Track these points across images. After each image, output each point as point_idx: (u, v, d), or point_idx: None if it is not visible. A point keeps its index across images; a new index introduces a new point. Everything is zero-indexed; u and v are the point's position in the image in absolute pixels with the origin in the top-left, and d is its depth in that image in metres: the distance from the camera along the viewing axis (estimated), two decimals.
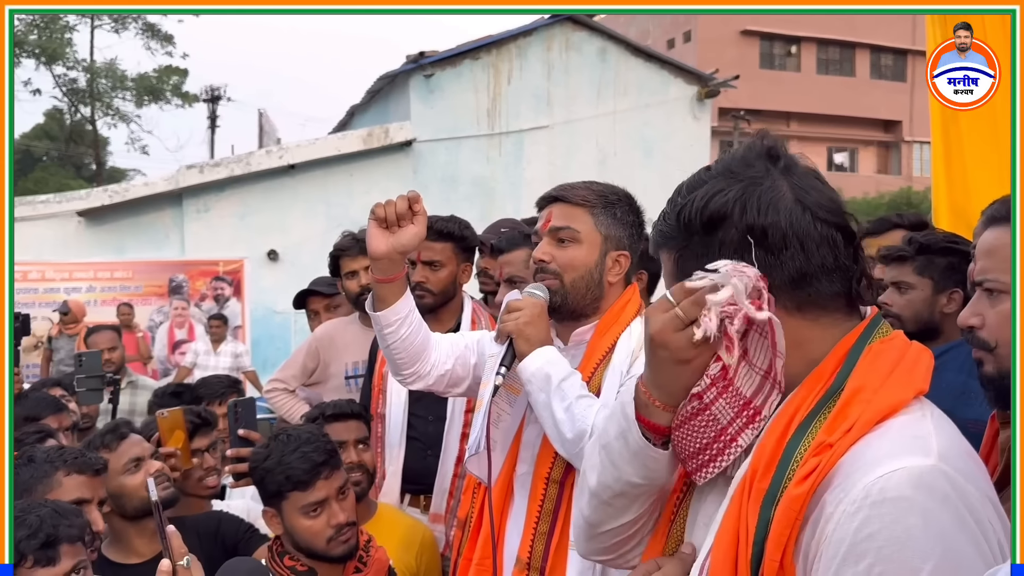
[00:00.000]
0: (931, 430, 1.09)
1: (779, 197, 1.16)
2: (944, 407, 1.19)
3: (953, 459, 1.07)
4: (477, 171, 12.39)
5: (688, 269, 1.18)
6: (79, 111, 29.74)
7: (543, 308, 2.13)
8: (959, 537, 1.01)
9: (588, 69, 12.81)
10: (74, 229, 11.56)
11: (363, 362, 3.46)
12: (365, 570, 2.29)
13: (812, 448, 1.09)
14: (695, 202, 1.19)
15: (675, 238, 1.22)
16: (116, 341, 5.50)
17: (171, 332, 11.11)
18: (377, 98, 13.59)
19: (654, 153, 12.89)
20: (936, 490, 1.03)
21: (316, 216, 11.32)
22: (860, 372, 1.14)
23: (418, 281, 3.05)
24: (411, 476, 3.06)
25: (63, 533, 1.90)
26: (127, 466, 2.47)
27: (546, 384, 2.01)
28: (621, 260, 2.19)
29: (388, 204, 2.14)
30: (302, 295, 4.48)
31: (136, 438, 2.57)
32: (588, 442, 1.94)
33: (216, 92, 30.98)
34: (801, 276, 1.16)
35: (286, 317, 11.03)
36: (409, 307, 2.24)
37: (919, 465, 1.04)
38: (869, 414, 1.10)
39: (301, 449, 2.26)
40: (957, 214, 3.53)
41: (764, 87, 32.46)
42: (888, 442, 1.08)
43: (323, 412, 2.81)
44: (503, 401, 2.19)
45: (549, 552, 2.06)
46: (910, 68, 36.21)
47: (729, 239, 1.17)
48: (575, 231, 2.15)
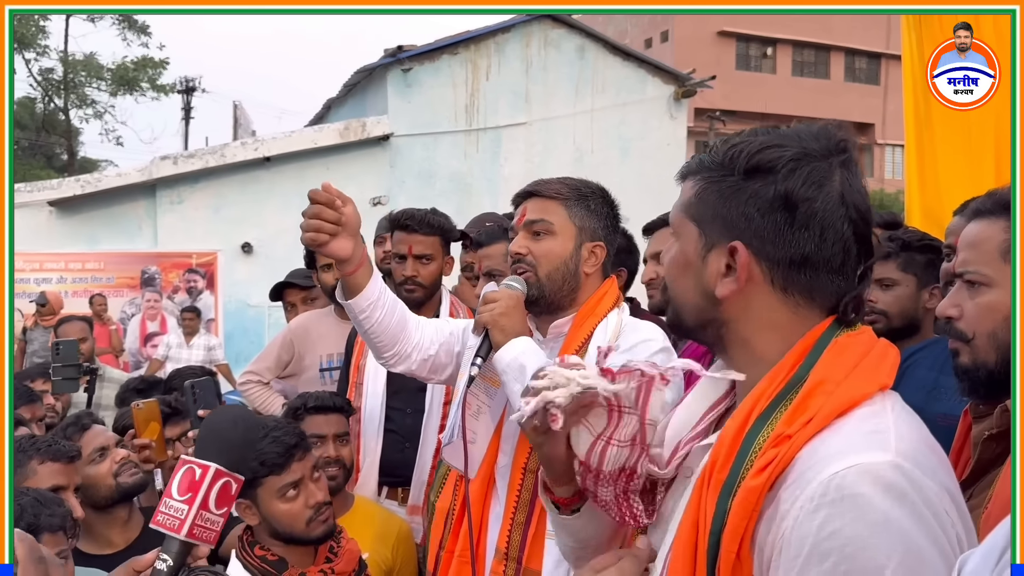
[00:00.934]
0: (890, 424, 1.09)
1: (828, 180, 1.16)
2: (915, 402, 1.20)
3: (911, 454, 1.06)
4: (454, 167, 12.37)
5: (708, 200, 1.19)
6: (52, 100, 29.35)
7: (519, 300, 2.15)
8: (918, 533, 1.01)
9: (566, 67, 12.82)
10: (45, 219, 11.40)
11: (338, 355, 3.45)
12: (336, 560, 2.29)
13: (771, 439, 1.09)
14: (752, 144, 1.18)
15: (711, 169, 1.21)
16: (87, 332, 5.46)
17: (143, 324, 11.02)
18: (354, 92, 13.52)
19: (631, 152, 12.93)
20: (894, 487, 1.02)
21: (291, 209, 11.14)
22: (824, 364, 1.13)
23: (409, 276, 3.05)
24: (389, 469, 3.06)
25: (44, 522, 1.91)
26: (92, 456, 2.46)
27: (520, 374, 2.02)
28: (596, 251, 2.22)
29: (319, 213, 2.06)
30: (279, 287, 4.46)
31: (99, 428, 2.56)
32: None
33: (191, 83, 30.67)
34: (804, 260, 1.16)
35: (260, 310, 10.97)
36: (379, 288, 2.25)
37: (876, 461, 1.04)
38: (830, 407, 1.09)
39: (271, 434, 2.25)
40: (929, 215, 3.57)
41: (740, 88, 32.66)
42: (845, 437, 1.07)
43: (305, 403, 2.80)
44: (483, 393, 2.20)
45: (526, 541, 2.07)
46: (883, 72, 36.60)
47: (761, 193, 1.16)
48: (549, 223, 2.18)
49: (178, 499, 1.41)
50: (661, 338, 2.17)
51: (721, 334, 1.22)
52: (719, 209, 1.18)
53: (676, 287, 1.25)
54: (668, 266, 1.26)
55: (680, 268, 1.24)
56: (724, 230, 1.18)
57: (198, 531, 1.39)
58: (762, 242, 1.16)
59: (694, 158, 1.27)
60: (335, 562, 2.28)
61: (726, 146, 1.21)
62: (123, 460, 2.47)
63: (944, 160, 3.60)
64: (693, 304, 1.23)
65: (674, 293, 1.25)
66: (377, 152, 12.08)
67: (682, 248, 1.23)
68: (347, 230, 2.10)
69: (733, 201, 1.17)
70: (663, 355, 2.12)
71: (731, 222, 1.17)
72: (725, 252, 1.18)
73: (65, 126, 29.20)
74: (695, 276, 1.21)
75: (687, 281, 1.23)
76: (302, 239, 2.13)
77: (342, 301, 2.27)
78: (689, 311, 1.24)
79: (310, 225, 2.07)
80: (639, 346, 2.11)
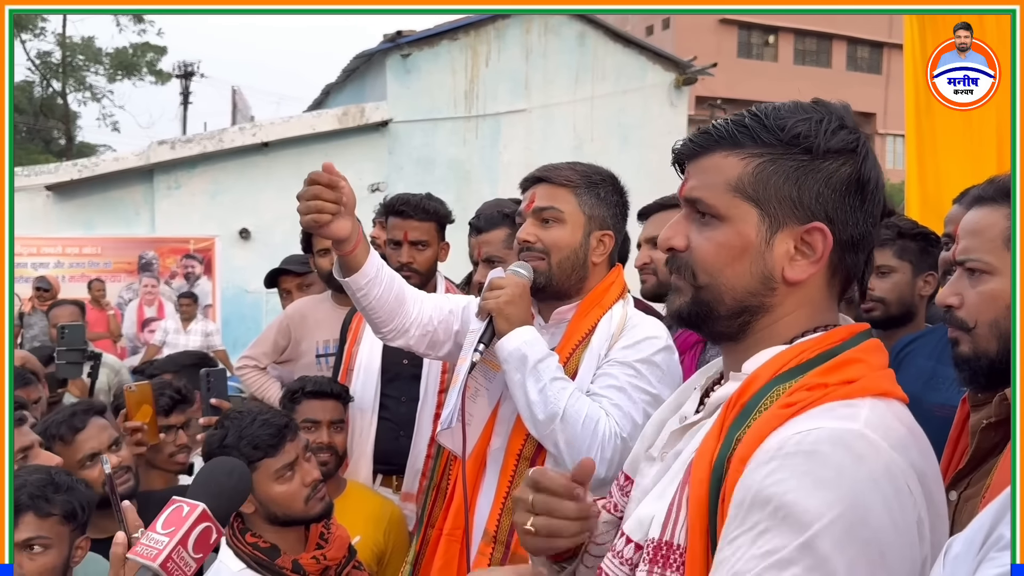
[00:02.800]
0: (867, 406, 1.06)
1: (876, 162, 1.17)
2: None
3: (881, 427, 1.03)
4: (453, 153, 12.34)
5: (770, 180, 1.14)
6: (50, 84, 29.25)
7: (525, 287, 2.13)
8: (869, 495, 0.97)
9: (566, 53, 12.77)
10: (42, 203, 11.38)
11: (335, 340, 3.44)
12: (327, 546, 2.28)
13: (802, 384, 1.07)
14: (825, 122, 1.14)
15: (768, 146, 1.14)
16: (78, 316, 5.45)
17: (140, 309, 10.99)
18: (353, 77, 13.47)
19: (631, 139, 12.89)
20: (853, 448, 0.99)
21: (289, 195, 10.91)
22: (862, 350, 1.13)
23: (405, 262, 3.04)
24: (383, 457, 3.05)
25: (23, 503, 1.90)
26: (83, 462, 2.40)
27: (522, 364, 2.02)
28: (605, 240, 2.20)
29: (318, 194, 2.07)
30: (274, 274, 4.45)
31: (95, 428, 2.46)
32: (558, 424, 1.95)
33: (189, 68, 30.57)
34: (860, 241, 1.16)
35: (257, 296, 10.96)
36: (376, 266, 2.23)
37: (842, 427, 1.02)
38: (866, 381, 1.08)
39: (260, 418, 2.24)
40: (928, 206, 3.56)
41: (741, 76, 32.57)
42: (819, 410, 1.06)
43: (303, 387, 2.79)
44: (481, 376, 2.20)
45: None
46: (886, 61, 36.51)
47: (838, 174, 1.13)
48: (559, 211, 2.15)
49: (160, 532, 1.41)
50: (664, 336, 2.15)
51: (752, 320, 1.18)
52: (787, 190, 1.13)
53: (726, 272, 1.16)
54: (715, 250, 1.17)
55: (736, 252, 1.16)
56: (794, 211, 1.14)
57: (171, 566, 1.38)
58: (833, 223, 1.13)
59: (712, 130, 1.19)
60: (326, 548, 2.27)
61: (777, 121, 1.15)
62: (114, 468, 2.38)
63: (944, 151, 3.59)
64: (744, 288, 1.16)
65: (721, 279, 1.17)
66: (376, 138, 12.05)
67: (739, 231, 1.15)
68: (346, 209, 2.09)
69: (807, 182, 1.13)
70: (665, 354, 2.11)
71: (803, 203, 1.13)
72: (795, 234, 1.14)
73: (63, 110, 29.11)
74: (755, 259, 1.15)
75: (742, 265, 1.15)
76: (302, 222, 2.10)
77: (339, 279, 2.26)
78: (736, 296, 1.17)
79: (310, 207, 2.06)
80: (643, 343, 2.10)
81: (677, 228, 1.22)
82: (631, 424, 1.99)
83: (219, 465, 1.62)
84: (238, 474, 1.60)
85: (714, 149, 1.17)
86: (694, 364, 2.46)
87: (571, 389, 2.01)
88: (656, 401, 2.03)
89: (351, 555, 2.37)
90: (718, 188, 1.16)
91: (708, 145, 1.18)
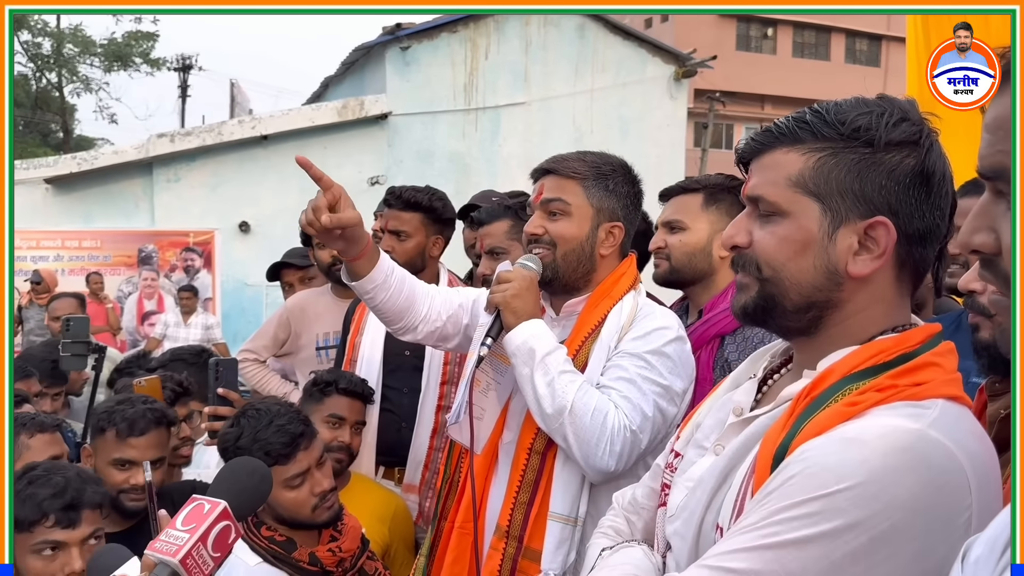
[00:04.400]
0: (938, 408, 1.06)
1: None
2: None
3: (948, 429, 1.03)
4: (453, 146, 12.32)
5: (831, 174, 1.14)
6: (45, 77, 29.18)
7: (533, 280, 2.11)
8: (903, 479, 0.98)
9: (566, 46, 12.74)
10: (41, 197, 11.35)
11: (335, 333, 3.43)
12: (341, 538, 2.28)
13: (873, 385, 1.08)
14: (887, 115, 1.14)
15: (827, 140, 1.15)
16: (77, 309, 5.43)
17: (140, 303, 10.98)
18: (352, 70, 13.44)
19: (630, 132, 12.87)
20: (902, 445, 0.99)
21: (288, 188, 11.14)
22: (936, 354, 1.13)
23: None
24: (385, 448, 3.04)
25: (87, 498, 1.93)
26: (117, 463, 2.35)
27: (530, 358, 2.00)
28: (615, 232, 2.17)
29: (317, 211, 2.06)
30: (276, 267, 4.44)
31: (147, 439, 2.37)
32: (566, 417, 1.94)
33: (187, 61, 30.49)
34: (927, 235, 1.15)
35: (258, 290, 10.95)
36: (385, 272, 2.24)
37: (901, 425, 1.02)
38: (937, 383, 1.08)
39: (275, 423, 2.22)
40: None
41: (740, 69, 32.50)
42: (883, 408, 1.06)
43: (336, 382, 2.78)
44: (492, 370, 2.19)
45: (528, 521, 2.06)
46: (884, 54, 36.43)
47: (902, 167, 1.12)
48: (566, 203, 2.13)
49: (181, 529, 1.38)
50: (676, 326, 2.12)
51: (822, 315, 1.17)
52: (849, 183, 1.13)
53: (790, 266, 1.16)
54: (778, 244, 1.17)
55: (799, 246, 1.15)
56: (856, 205, 1.13)
57: (190, 563, 1.36)
58: (897, 217, 1.13)
59: (774, 127, 1.20)
60: (341, 540, 2.27)
61: (837, 116, 1.15)
62: (135, 485, 2.34)
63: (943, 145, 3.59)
64: (809, 283, 1.16)
65: (785, 272, 1.17)
66: (375, 131, 12.02)
67: (801, 225, 1.15)
68: (344, 201, 2.09)
69: (869, 175, 1.13)
70: (676, 344, 2.08)
71: (866, 197, 1.13)
72: (858, 228, 1.14)
73: (59, 103, 29.05)
74: (819, 254, 1.15)
75: (805, 260, 1.15)
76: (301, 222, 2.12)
77: (346, 281, 2.27)
78: (801, 290, 1.17)
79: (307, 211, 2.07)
80: (653, 334, 2.07)
81: (739, 226, 1.22)
82: (640, 416, 1.97)
83: (241, 464, 1.60)
84: (260, 475, 1.58)
85: (775, 146, 1.18)
86: (712, 359, 2.42)
87: (580, 382, 1.99)
88: (667, 392, 2.02)
89: (364, 545, 2.37)
90: (779, 184, 1.16)
91: (769, 143, 1.19)
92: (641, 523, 1.46)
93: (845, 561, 0.97)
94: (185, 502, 1.44)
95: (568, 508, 2.02)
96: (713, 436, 1.29)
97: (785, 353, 1.32)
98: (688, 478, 1.28)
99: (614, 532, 1.47)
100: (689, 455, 1.33)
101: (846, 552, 0.97)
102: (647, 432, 1.98)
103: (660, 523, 1.35)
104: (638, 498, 1.48)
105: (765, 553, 1.00)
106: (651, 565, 1.31)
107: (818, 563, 0.98)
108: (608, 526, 1.50)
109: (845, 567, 0.97)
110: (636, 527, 1.47)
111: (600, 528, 1.52)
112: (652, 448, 2.00)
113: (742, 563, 1.01)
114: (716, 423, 1.31)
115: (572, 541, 2.01)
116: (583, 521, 2.02)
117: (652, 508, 1.42)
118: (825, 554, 0.97)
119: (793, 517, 0.99)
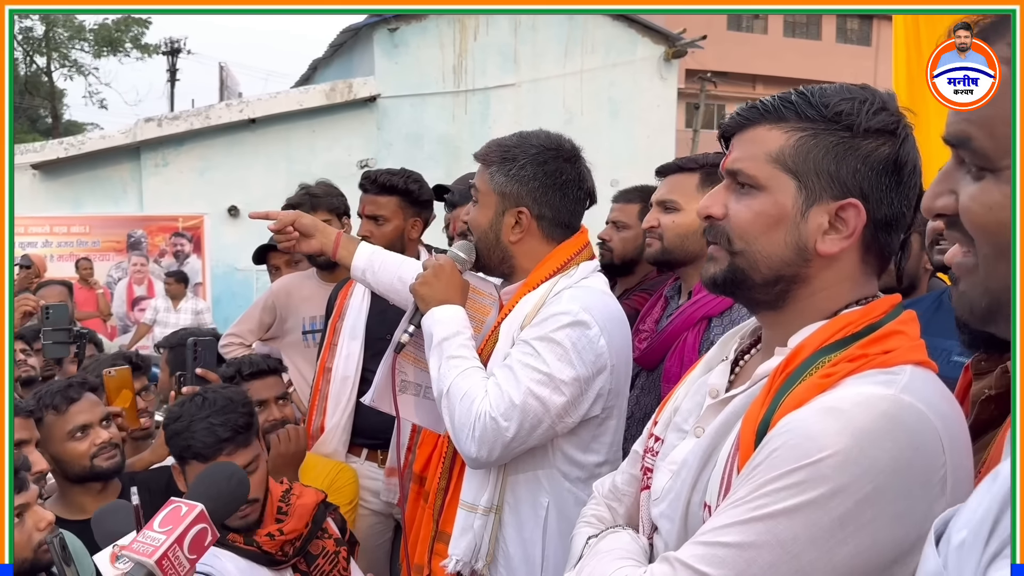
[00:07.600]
0: (907, 374, 1.11)
1: (916, 148, 1.21)
2: None
3: (919, 393, 1.07)
4: (443, 129, 12.24)
5: (810, 154, 1.18)
6: (34, 61, 28.97)
7: (447, 268, 2.12)
8: (880, 442, 1.02)
9: (556, 26, 12.65)
10: (29, 182, 11.25)
11: (321, 317, 3.42)
12: (287, 520, 2.29)
13: (844, 356, 1.12)
14: (868, 103, 1.18)
15: (811, 121, 1.19)
16: (66, 296, 5.39)
17: (130, 288, 10.94)
18: (340, 52, 13.34)
19: (620, 113, 12.80)
20: (877, 407, 1.04)
21: (277, 172, 11.10)
22: (900, 323, 1.18)
23: (362, 236, 3.02)
24: (369, 432, 3.04)
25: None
26: (73, 432, 2.41)
27: (429, 342, 2.05)
28: (521, 218, 2.09)
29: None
30: (262, 250, 4.40)
31: (88, 401, 2.48)
32: (444, 401, 1.97)
33: (176, 45, 30.28)
34: (894, 222, 1.20)
35: (248, 274, 10.89)
36: (366, 256, 2.36)
37: (874, 391, 1.06)
38: (904, 350, 1.13)
39: (210, 419, 2.21)
40: None
41: (731, 49, 32.43)
42: (857, 377, 1.11)
43: (240, 370, 2.79)
44: (418, 351, 2.23)
45: (444, 506, 2.15)
46: (875, 33, 36.37)
47: (877, 154, 1.17)
48: (476, 190, 2.16)
49: (157, 530, 1.40)
50: (575, 311, 1.97)
51: (789, 289, 1.22)
52: (826, 164, 1.17)
53: (761, 240, 1.21)
54: (752, 218, 1.22)
55: (772, 221, 1.21)
56: (830, 186, 1.18)
57: (166, 564, 1.37)
58: (868, 201, 1.18)
59: (759, 104, 1.23)
60: (285, 521, 2.28)
61: (821, 99, 1.19)
62: (103, 443, 2.40)
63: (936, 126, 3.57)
64: (779, 258, 1.21)
65: (756, 246, 1.22)
66: (364, 114, 11.94)
67: (776, 200, 1.20)
68: (305, 231, 2.39)
69: (846, 158, 1.17)
70: (570, 330, 1.95)
71: (840, 179, 1.17)
72: (830, 208, 1.18)
73: (48, 88, 28.84)
74: (790, 230, 1.20)
75: (777, 235, 1.21)
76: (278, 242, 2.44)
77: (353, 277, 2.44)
78: (771, 264, 1.21)
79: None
80: (549, 320, 1.97)
81: (716, 198, 1.26)
82: (507, 404, 1.89)
83: (219, 470, 1.64)
84: (237, 479, 1.61)
85: (759, 122, 1.22)
86: (698, 341, 2.40)
87: (464, 367, 1.97)
88: (551, 380, 1.92)
89: (315, 524, 2.37)
90: (759, 159, 1.21)
91: (754, 118, 1.23)
92: (623, 509, 1.49)
93: (833, 526, 1.02)
94: (159, 488, 1.43)
95: (473, 496, 2.04)
96: (692, 419, 1.32)
97: (754, 334, 1.37)
98: (671, 461, 1.31)
99: (597, 520, 1.50)
100: (670, 439, 1.36)
101: (834, 517, 1.01)
102: (513, 420, 1.90)
103: (645, 506, 1.39)
104: (619, 485, 1.51)
105: (757, 525, 1.04)
106: (639, 548, 1.34)
107: (808, 530, 1.02)
108: (591, 515, 1.52)
109: (834, 531, 1.02)
110: (618, 513, 1.49)
111: (583, 518, 1.53)
112: (537, 437, 1.94)
113: (735, 536, 1.05)
114: (694, 406, 1.34)
115: (477, 529, 2.01)
116: (495, 510, 2.01)
117: (633, 494, 1.46)
118: (814, 521, 1.02)
119: (780, 488, 1.03)
